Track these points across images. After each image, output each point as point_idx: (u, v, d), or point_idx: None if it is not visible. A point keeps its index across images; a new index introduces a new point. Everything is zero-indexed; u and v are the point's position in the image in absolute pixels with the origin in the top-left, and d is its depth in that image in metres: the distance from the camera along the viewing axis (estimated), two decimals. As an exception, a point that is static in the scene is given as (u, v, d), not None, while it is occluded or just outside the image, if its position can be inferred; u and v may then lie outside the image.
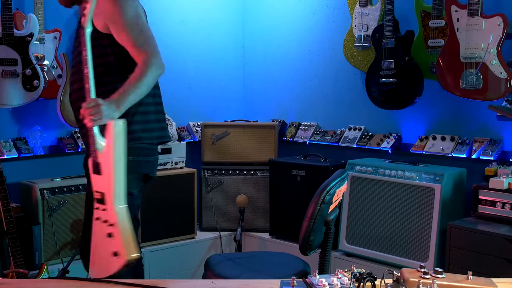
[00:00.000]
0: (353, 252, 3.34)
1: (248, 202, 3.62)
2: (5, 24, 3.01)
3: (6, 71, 3.03)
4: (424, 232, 3.05)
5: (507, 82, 2.90)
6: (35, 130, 3.34)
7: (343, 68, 3.84)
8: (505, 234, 2.70)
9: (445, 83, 3.11)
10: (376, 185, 3.25)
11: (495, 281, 1.31)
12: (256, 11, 4.47)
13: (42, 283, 1.71)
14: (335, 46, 3.90)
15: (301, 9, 4.18)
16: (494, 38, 2.91)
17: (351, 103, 3.85)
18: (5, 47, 3.03)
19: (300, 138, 4.05)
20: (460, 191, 3.14)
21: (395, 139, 3.55)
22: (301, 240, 1.83)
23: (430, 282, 1.23)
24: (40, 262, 3.06)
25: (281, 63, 4.30)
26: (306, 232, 1.81)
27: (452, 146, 3.27)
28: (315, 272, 1.29)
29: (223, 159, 3.98)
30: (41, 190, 3.12)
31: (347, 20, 3.70)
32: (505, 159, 3.09)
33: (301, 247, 1.83)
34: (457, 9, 3.01)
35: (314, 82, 4.10)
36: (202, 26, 4.26)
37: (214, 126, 4.01)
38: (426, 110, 3.46)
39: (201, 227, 3.93)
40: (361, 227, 3.31)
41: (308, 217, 1.82)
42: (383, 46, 3.36)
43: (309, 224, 1.81)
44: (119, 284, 1.42)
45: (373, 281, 1.24)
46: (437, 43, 3.18)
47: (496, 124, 3.14)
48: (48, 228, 3.13)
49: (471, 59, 2.98)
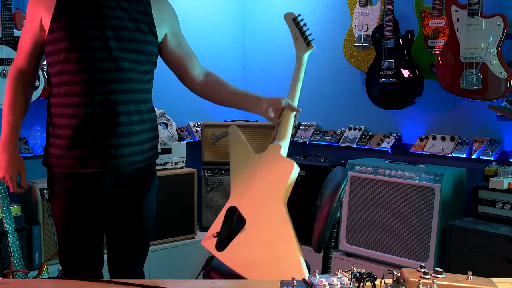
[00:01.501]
0: (353, 252, 3.34)
1: (248, 202, 3.62)
2: (5, 24, 3.02)
3: (6, 71, 3.03)
4: (424, 232, 3.05)
5: (507, 82, 2.90)
6: (35, 130, 3.35)
7: (343, 68, 3.84)
8: (505, 234, 2.70)
9: (445, 83, 3.11)
10: (376, 185, 3.25)
11: (495, 281, 1.31)
12: (256, 11, 4.47)
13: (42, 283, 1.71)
14: (335, 46, 3.90)
15: (301, 9, 4.17)
16: (494, 38, 2.91)
17: (351, 103, 3.85)
18: (5, 47, 3.03)
19: (300, 138, 4.05)
20: (460, 191, 3.15)
21: (395, 139, 3.55)
22: (317, 238, 1.83)
23: (430, 282, 1.23)
24: (40, 262, 3.07)
25: (281, 63, 4.30)
26: (322, 230, 1.81)
27: (452, 146, 3.27)
28: (315, 272, 1.29)
29: (223, 159, 3.97)
30: (41, 190, 3.12)
31: (347, 20, 3.70)
32: (505, 159, 3.09)
33: (318, 246, 1.83)
34: (457, 9, 3.01)
35: (314, 82, 4.10)
36: (202, 26, 4.26)
37: (214, 126, 4.01)
38: (426, 110, 3.46)
39: (201, 227, 3.93)
40: (361, 227, 3.31)
41: (324, 216, 1.82)
42: (383, 46, 3.36)
43: (326, 222, 1.81)
44: (119, 284, 1.42)
45: (373, 281, 1.24)
46: (437, 43, 3.18)
47: (496, 124, 3.14)
48: (48, 228, 3.13)
49: (471, 59, 2.98)
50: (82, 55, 1.86)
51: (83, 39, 1.86)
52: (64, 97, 1.90)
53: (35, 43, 1.94)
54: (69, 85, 1.89)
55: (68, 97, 1.89)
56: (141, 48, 1.95)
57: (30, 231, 3.05)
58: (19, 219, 2.98)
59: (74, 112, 1.88)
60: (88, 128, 1.89)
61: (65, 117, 1.90)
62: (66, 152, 1.92)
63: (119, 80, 1.90)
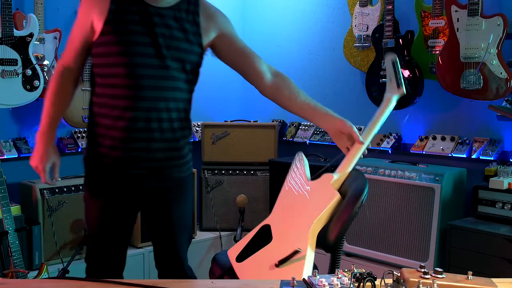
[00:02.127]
0: (353, 252, 3.34)
1: (248, 202, 3.62)
2: (5, 24, 3.02)
3: (6, 71, 3.03)
4: (424, 232, 3.05)
5: (507, 82, 2.90)
6: (35, 130, 3.34)
7: (343, 68, 3.84)
8: (505, 234, 2.70)
9: (445, 83, 3.11)
10: (376, 185, 3.25)
11: (495, 281, 1.31)
12: (256, 11, 4.47)
13: (42, 283, 1.71)
14: (335, 46, 3.90)
15: (301, 9, 4.18)
16: (494, 38, 2.91)
17: (351, 103, 3.85)
18: (5, 47, 3.03)
19: (300, 138, 4.05)
20: (460, 191, 3.15)
21: (395, 139, 3.55)
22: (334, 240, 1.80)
23: (430, 282, 1.23)
24: (40, 262, 3.07)
25: (281, 63, 4.29)
26: (340, 233, 1.78)
27: (452, 146, 3.27)
28: (315, 272, 1.29)
29: (223, 159, 3.97)
30: (41, 190, 3.12)
31: (347, 20, 3.70)
32: (505, 159, 3.09)
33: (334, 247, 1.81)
34: (457, 9, 3.01)
35: (314, 82, 4.10)
36: (202, 26, 4.25)
37: (214, 126, 4.01)
38: (426, 110, 3.46)
39: (201, 227, 3.93)
40: (361, 227, 3.31)
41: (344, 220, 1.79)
42: (383, 46, 3.36)
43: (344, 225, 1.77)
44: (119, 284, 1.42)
45: (373, 281, 1.24)
46: (437, 43, 3.18)
47: (496, 124, 3.14)
48: (48, 228, 3.13)
49: (471, 59, 2.98)
50: (133, 61, 1.90)
51: (135, 44, 1.91)
52: (110, 98, 1.95)
53: (84, 43, 1.98)
54: (116, 87, 1.93)
55: (115, 99, 1.94)
56: (187, 58, 2.00)
57: (30, 231, 3.05)
58: (19, 219, 2.98)
59: (120, 115, 1.92)
60: (134, 131, 1.94)
61: (110, 118, 1.95)
62: (110, 151, 1.96)
63: (167, 88, 1.96)
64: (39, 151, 2.04)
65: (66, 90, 2.06)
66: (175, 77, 1.97)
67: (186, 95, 2.04)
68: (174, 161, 2.05)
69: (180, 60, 1.97)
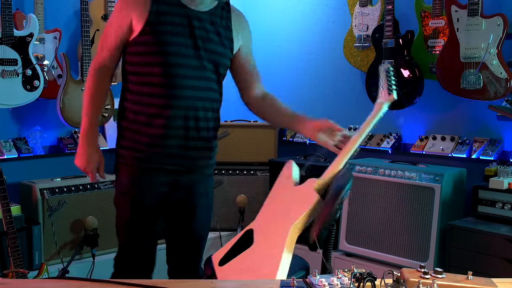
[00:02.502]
0: (353, 252, 3.34)
1: (248, 202, 3.62)
2: (5, 24, 3.02)
3: (6, 71, 3.03)
4: (424, 232, 3.05)
5: (507, 82, 2.90)
6: (35, 130, 3.34)
7: (343, 68, 3.84)
8: (505, 234, 2.70)
9: (445, 83, 3.11)
10: (376, 185, 3.25)
11: (495, 281, 1.31)
12: (256, 11, 4.47)
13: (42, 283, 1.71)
14: (335, 46, 3.90)
15: (301, 9, 4.18)
16: (494, 38, 2.91)
17: (351, 103, 3.85)
18: (5, 47, 3.03)
19: (300, 138, 4.05)
20: (460, 191, 3.15)
21: (395, 139, 3.55)
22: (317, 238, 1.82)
23: (430, 282, 1.23)
24: (40, 262, 3.06)
25: (281, 63, 4.30)
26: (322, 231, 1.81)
27: (452, 146, 3.27)
28: (315, 272, 1.29)
29: (223, 159, 3.96)
30: (41, 190, 3.12)
31: (347, 20, 3.70)
32: (505, 159, 3.09)
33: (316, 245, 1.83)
34: (457, 9, 3.02)
35: (314, 82, 4.10)
36: (202, 26, 4.25)
37: (214, 126, 4.01)
38: (426, 110, 3.46)
39: (201, 227, 3.93)
40: (361, 227, 3.31)
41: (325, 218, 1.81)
42: (383, 46, 3.36)
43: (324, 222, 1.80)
44: (119, 284, 1.42)
45: (373, 281, 1.24)
46: (437, 43, 3.18)
47: (496, 124, 3.14)
48: (48, 228, 3.13)
49: (471, 59, 2.98)
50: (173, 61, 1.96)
51: (175, 45, 1.96)
52: (147, 96, 1.99)
53: (120, 42, 2.02)
54: (154, 86, 1.98)
55: (152, 98, 1.98)
56: (221, 61, 2.09)
57: (30, 231, 3.05)
58: (19, 219, 2.98)
59: (158, 113, 1.97)
60: (172, 129, 1.99)
61: (146, 115, 1.99)
62: (147, 148, 2.00)
63: (204, 88, 2.04)
64: (85, 152, 2.09)
65: (103, 88, 2.11)
66: (210, 78, 2.05)
67: (218, 96, 2.13)
68: (207, 159, 2.13)
69: (215, 63, 2.05)
